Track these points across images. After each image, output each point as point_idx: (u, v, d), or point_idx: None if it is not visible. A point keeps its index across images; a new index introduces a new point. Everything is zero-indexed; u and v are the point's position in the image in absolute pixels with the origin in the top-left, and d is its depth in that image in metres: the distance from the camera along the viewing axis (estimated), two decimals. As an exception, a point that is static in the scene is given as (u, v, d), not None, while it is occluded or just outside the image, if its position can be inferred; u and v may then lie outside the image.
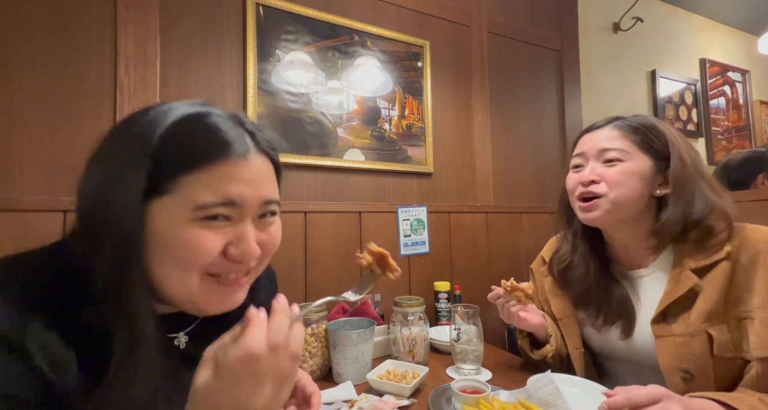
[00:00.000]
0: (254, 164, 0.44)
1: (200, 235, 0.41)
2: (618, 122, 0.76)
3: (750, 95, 2.66)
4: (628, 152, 0.72)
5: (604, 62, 2.04)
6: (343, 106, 1.29)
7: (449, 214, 1.45)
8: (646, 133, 0.73)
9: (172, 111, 0.43)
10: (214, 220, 0.41)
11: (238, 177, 0.42)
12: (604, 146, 0.74)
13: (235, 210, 0.43)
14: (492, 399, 0.67)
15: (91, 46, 0.98)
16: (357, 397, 0.77)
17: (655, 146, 0.73)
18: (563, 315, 0.86)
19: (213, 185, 0.41)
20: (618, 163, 0.72)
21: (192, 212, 0.40)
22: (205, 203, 0.40)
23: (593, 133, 0.78)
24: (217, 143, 0.42)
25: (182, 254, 0.41)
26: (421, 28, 1.47)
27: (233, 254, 0.43)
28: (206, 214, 0.41)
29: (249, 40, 1.14)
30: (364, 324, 0.97)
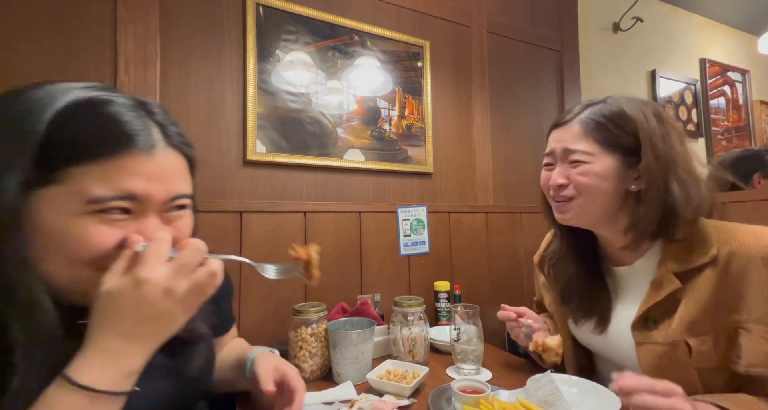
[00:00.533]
0: (162, 158, 0.42)
1: (92, 229, 0.39)
2: (584, 114, 0.70)
3: (750, 95, 2.66)
4: (590, 153, 0.68)
5: (604, 62, 2.04)
6: (343, 106, 1.29)
7: (449, 214, 1.45)
8: (611, 128, 0.67)
9: (65, 94, 0.40)
10: (109, 213, 0.39)
11: (140, 172, 0.40)
12: (568, 147, 0.70)
13: (135, 204, 0.41)
14: (492, 399, 0.67)
15: (91, 46, 0.99)
16: (357, 397, 0.77)
17: (623, 141, 0.67)
18: (552, 309, 0.87)
19: (108, 178, 0.38)
20: (581, 164, 0.68)
21: (83, 206, 0.38)
22: (97, 197, 0.38)
23: (560, 129, 0.73)
24: (115, 135, 0.39)
25: (69, 248, 0.39)
26: (421, 28, 1.47)
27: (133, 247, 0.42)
28: (100, 208, 0.39)
29: (249, 40, 1.14)
30: (364, 324, 0.97)
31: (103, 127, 0.39)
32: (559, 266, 0.81)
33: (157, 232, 0.41)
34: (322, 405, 0.75)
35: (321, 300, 1.07)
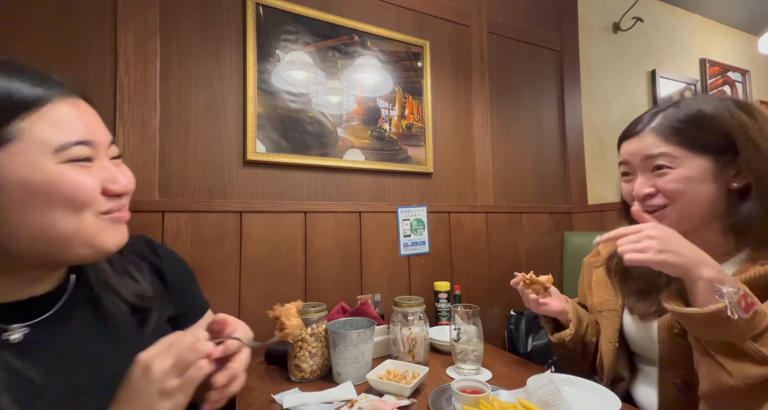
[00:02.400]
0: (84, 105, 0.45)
1: (74, 175, 0.41)
2: (655, 123, 0.66)
3: (750, 95, 2.66)
4: (675, 157, 0.63)
5: (604, 62, 2.04)
6: (343, 106, 1.29)
7: (449, 214, 1.45)
8: (692, 131, 0.63)
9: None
10: (77, 162, 0.42)
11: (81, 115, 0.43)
12: (648, 153, 0.65)
13: (91, 150, 0.43)
14: (492, 399, 0.67)
15: (91, 46, 0.99)
16: (357, 397, 0.77)
17: (710, 141, 0.62)
18: (604, 307, 0.82)
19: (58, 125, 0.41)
20: (669, 170, 0.63)
21: (53, 155, 0.40)
22: (61, 144, 0.40)
23: (631, 141, 0.69)
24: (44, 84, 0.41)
25: (67, 195, 0.40)
26: (421, 28, 1.47)
27: (114, 189, 0.45)
28: (68, 157, 0.41)
29: (249, 40, 1.14)
30: (364, 324, 0.97)
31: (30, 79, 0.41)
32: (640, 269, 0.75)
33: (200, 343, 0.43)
34: (322, 405, 0.75)
35: (321, 300, 1.07)
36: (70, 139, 0.41)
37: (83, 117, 0.43)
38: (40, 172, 0.39)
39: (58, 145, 0.40)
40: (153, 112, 1.03)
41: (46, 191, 0.39)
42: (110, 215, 0.45)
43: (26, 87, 0.40)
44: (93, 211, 0.43)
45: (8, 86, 0.39)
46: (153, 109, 1.03)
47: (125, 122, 1.00)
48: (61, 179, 0.40)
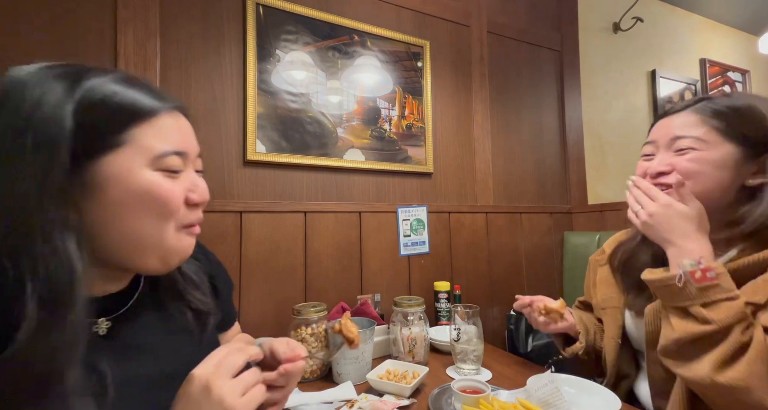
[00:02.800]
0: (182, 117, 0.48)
1: (167, 184, 0.43)
2: (700, 104, 0.66)
3: (750, 95, 2.66)
4: (704, 140, 0.63)
5: (604, 62, 2.04)
6: (343, 106, 1.29)
7: (449, 214, 1.45)
8: (734, 117, 0.63)
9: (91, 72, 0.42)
10: (168, 171, 0.44)
11: (181, 128, 0.47)
12: (677, 134, 0.65)
13: (183, 160, 0.46)
14: (492, 399, 0.67)
15: (91, 46, 0.99)
16: (357, 397, 0.77)
17: (747, 131, 0.62)
18: (607, 304, 0.84)
19: (161, 135, 0.43)
20: (692, 151, 0.64)
21: (151, 162, 0.42)
22: (161, 152, 0.43)
23: (669, 118, 0.69)
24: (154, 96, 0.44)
25: (153, 205, 0.42)
26: (421, 28, 1.47)
27: (193, 198, 0.47)
28: (165, 165, 0.43)
29: (249, 40, 1.14)
30: (364, 324, 0.97)
31: (143, 91, 0.44)
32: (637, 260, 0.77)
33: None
34: (322, 405, 0.75)
35: (321, 300, 1.07)
36: (169, 148, 0.43)
37: (181, 130, 0.47)
38: (139, 178, 0.42)
39: (158, 153, 0.43)
40: (153, 112, 1.03)
41: (141, 196, 0.42)
42: (189, 228, 0.48)
43: (143, 98, 0.43)
44: (176, 223, 0.45)
45: (130, 96, 0.42)
46: (153, 109, 1.03)
47: (125, 122, 1.00)
48: (156, 187, 0.42)
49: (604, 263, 0.89)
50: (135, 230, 0.43)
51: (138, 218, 0.42)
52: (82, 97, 0.39)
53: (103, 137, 0.40)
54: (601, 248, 0.94)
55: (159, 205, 0.43)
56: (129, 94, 0.42)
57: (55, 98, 0.38)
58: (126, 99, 0.42)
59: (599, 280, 0.88)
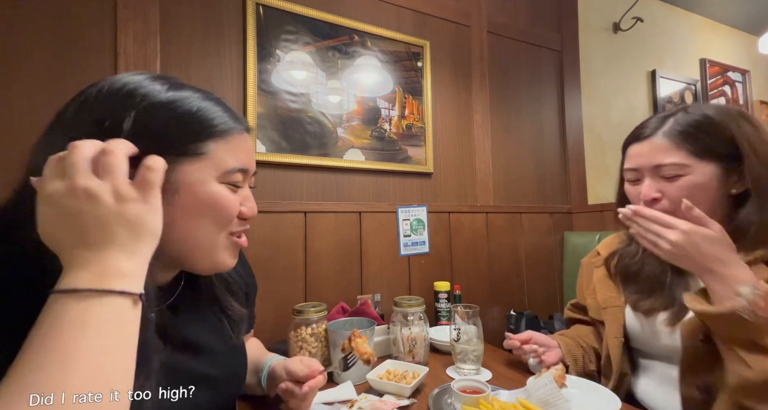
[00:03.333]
0: (249, 138, 0.53)
1: (230, 195, 0.48)
2: (667, 127, 0.67)
3: (750, 95, 2.66)
4: (685, 165, 0.65)
5: (604, 62, 2.04)
6: (343, 106, 1.29)
7: (449, 214, 1.45)
8: (702, 137, 0.65)
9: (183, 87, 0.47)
10: (233, 186, 0.48)
11: (247, 148, 0.51)
12: (658, 162, 0.67)
13: (244, 177, 0.50)
14: (492, 399, 0.67)
15: (91, 46, 0.99)
16: (357, 397, 0.77)
17: (718, 147, 0.64)
18: (608, 304, 0.84)
19: (233, 152, 0.47)
20: (678, 178, 0.66)
21: (221, 175, 0.46)
22: (230, 168, 0.47)
23: (641, 144, 0.71)
24: (233, 116, 0.49)
25: (215, 213, 0.46)
26: (421, 28, 1.47)
27: (244, 212, 0.50)
28: (231, 179, 0.47)
29: (249, 40, 1.14)
30: (364, 324, 0.97)
31: (224, 110, 0.49)
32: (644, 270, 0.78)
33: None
34: (322, 405, 0.75)
35: (321, 300, 1.07)
36: (237, 165, 0.48)
37: (247, 150, 0.51)
38: (209, 188, 0.45)
39: (228, 168, 0.47)
40: (153, 112, 1.03)
41: (207, 204, 0.46)
42: (236, 238, 0.51)
43: (225, 118, 0.48)
44: (228, 230, 0.49)
45: (214, 113, 0.47)
46: (153, 109, 1.03)
47: (125, 122, 1.00)
48: (221, 198, 0.46)
49: (599, 265, 0.89)
50: (194, 233, 0.46)
51: (199, 223, 0.46)
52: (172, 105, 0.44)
53: (185, 144, 0.44)
54: (594, 250, 0.95)
55: (220, 214, 0.47)
56: (212, 111, 0.47)
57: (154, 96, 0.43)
58: (209, 115, 0.46)
59: (597, 281, 0.89)
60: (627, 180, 0.75)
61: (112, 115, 0.40)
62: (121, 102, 0.41)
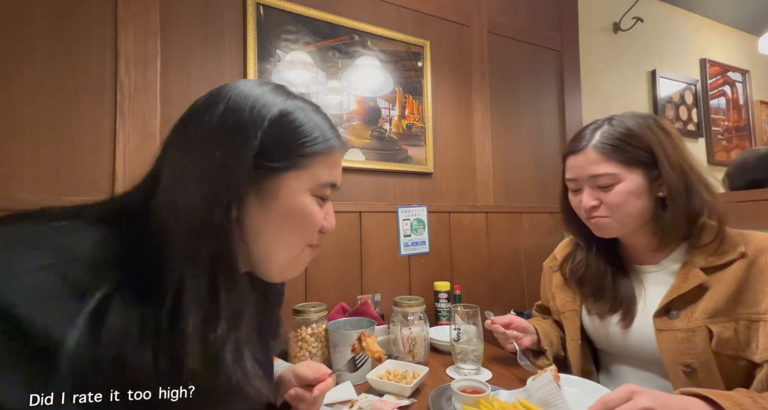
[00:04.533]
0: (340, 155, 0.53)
1: (317, 207, 0.49)
2: (596, 141, 0.73)
3: (750, 95, 2.66)
4: (616, 174, 0.71)
5: (604, 62, 2.04)
6: (343, 106, 1.29)
7: (449, 214, 1.45)
8: (626, 148, 0.71)
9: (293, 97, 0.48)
10: (321, 199, 0.50)
11: (340, 165, 0.52)
12: (593, 173, 0.73)
13: (331, 191, 0.51)
14: (492, 399, 0.67)
15: (91, 46, 0.99)
16: (357, 397, 0.77)
17: (641, 156, 0.71)
18: (566, 308, 0.89)
19: (328, 167, 0.49)
20: (612, 186, 0.72)
21: (314, 188, 0.48)
22: (324, 182, 0.48)
23: (576, 156, 0.76)
24: (334, 134, 0.50)
25: (303, 223, 0.48)
26: (421, 28, 1.47)
27: (325, 226, 0.51)
28: (321, 193, 0.49)
29: (249, 39, 1.14)
30: (364, 324, 0.97)
31: (330, 125, 0.50)
32: (589, 271, 0.84)
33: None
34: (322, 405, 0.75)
35: (321, 300, 1.07)
36: (330, 180, 0.49)
37: (340, 166, 0.52)
38: (301, 197, 0.47)
39: (322, 182, 0.48)
40: (153, 112, 1.03)
41: (297, 214, 0.47)
42: (313, 248, 0.52)
43: (330, 134, 0.49)
44: (309, 242, 0.50)
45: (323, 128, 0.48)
46: (153, 109, 1.03)
47: (125, 121, 1.00)
48: (310, 210, 0.48)
49: (556, 270, 0.94)
50: (282, 240, 0.47)
51: (287, 231, 0.47)
52: (289, 116, 0.45)
53: (294, 156, 0.45)
54: (552, 255, 1.01)
55: (305, 225, 0.48)
56: (321, 126, 0.48)
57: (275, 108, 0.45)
58: (318, 130, 0.47)
59: (555, 286, 0.93)
60: (570, 190, 0.81)
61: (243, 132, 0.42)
62: (252, 120, 0.43)
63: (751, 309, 0.64)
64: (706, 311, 0.66)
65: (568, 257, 0.90)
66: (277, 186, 0.45)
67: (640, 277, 0.79)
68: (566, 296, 0.89)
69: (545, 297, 1.01)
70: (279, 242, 0.47)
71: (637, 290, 0.78)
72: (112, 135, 0.99)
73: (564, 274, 0.90)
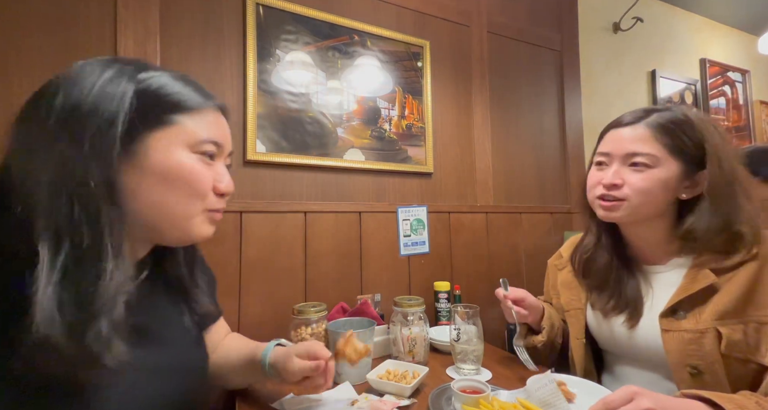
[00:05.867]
0: (223, 118, 0.55)
1: (199, 166, 0.49)
2: (651, 119, 0.70)
3: (750, 95, 2.66)
4: (657, 157, 0.68)
5: (604, 62, 2.04)
6: (343, 106, 1.29)
7: (449, 214, 1.45)
8: (680, 134, 0.68)
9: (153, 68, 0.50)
10: (204, 156, 0.50)
11: (220, 123, 0.54)
12: (633, 150, 0.69)
13: (217, 150, 0.52)
14: (492, 399, 0.67)
15: (91, 46, 0.98)
16: (357, 397, 0.77)
17: (688, 148, 0.68)
18: (570, 306, 0.88)
19: (203, 124, 0.50)
20: (645, 169, 0.68)
21: (191, 145, 0.49)
22: (201, 139, 0.49)
23: (621, 129, 0.73)
24: (204, 93, 0.52)
25: (185, 180, 0.48)
26: (421, 28, 1.47)
27: (221, 188, 0.52)
28: (204, 149, 0.50)
29: (249, 40, 1.14)
30: (364, 324, 0.97)
31: (196, 87, 0.52)
32: (596, 261, 0.82)
33: None
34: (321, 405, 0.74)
35: (321, 300, 1.07)
36: (207, 136, 0.50)
37: (219, 124, 0.54)
38: (178, 155, 0.47)
39: (199, 139, 0.49)
40: (153, 112, 1.03)
41: (176, 172, 0.47)
42: (211, 213, 0.52)
43: (195, 96, 0.50)
44: (202, 204, 0.50)
45: (183, 90, 0.50)
46: (153, 109, 1.03)
47: (125, 122, 1.00)
48: (191, 168, 0.48)
49: (562, 267, 0.93)
50: (166, 200, 0.48)
51: (171, 191, 0.47)
52: (144, 83, 0.46)
53: (156, 115, 0.47)
54: (558, 252, 0.99)
55: (190, 184, 0.48)
56: (182, 88, 0.50)
57: (122, 80, 0.45)
58: (178, 91, 0.49)
59: (561, 284, 0.92)
60: (595, 163, 0.78)
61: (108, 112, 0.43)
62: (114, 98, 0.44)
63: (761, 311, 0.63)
64: (715, 312, 0.64)
65: (576, 251, 0.88)
66: (147, 145, 0.46)
67: (648, 277, 0.77)
68: (571, 295, 0.88)
69: (548, 294, 1.00)
70: (164, 203, 0.47)
71: (644, 290, 0.76)
72: (112, 135, 0.99)
73: (572, 261, 0.88)
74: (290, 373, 0.66)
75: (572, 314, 0.87)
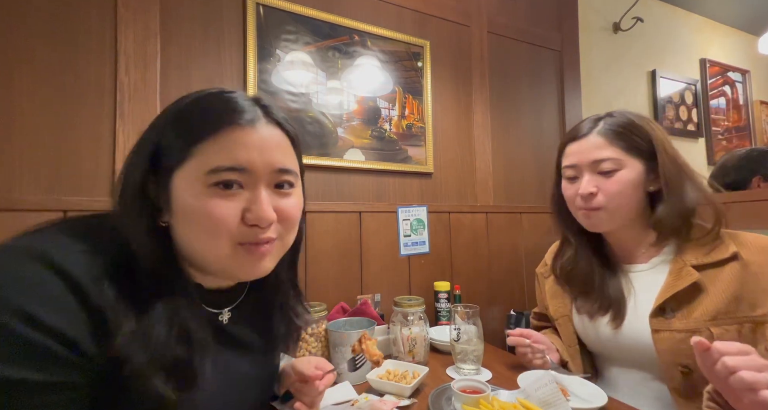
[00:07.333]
0: (263, 131, 0.46)
1: (214, 202, 0.43)
2: (600, 127, 0.76)
3: (750, 95, 2.66)
4: (620, 159, 0.73)
5: (604, 62, 2.04)
6: (343, 106, 1.29)
7: (449, 214, 1.45)
8: (630, 136, 0.73)
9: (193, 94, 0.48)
10: (228, 188, 0.43)
11: (247, 142, 0.44)
12: (597, 157, 0.74)
13: (246, 176, 0.44)
14: (492, 399, 0.67)
15: (91, 46, 0.98)
16: (357, 397, 0.77)
17: (641, 146, 0.73)
18: (559, 314, 0.89)
19: (221, 150, 0.43)
20: (614, 173, 0.73)
21: (206, 177, 0.42)
22: (216, 167, 0.42)
23: (580, 142, 0.78)
24: (226, 111, 0.45)
25: (205, 222, 0.43)
26: (421, 28, 1.47)
27: (248, 218, 0.44)
28: (218, 179, 0.43)
29: (249, 40, 1.14)
30: (364, 324, 0.97)
31: (217, 107, 0.45)
32: (578, 269, 0.84)
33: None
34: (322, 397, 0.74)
35: (321, 300, 1.07)
36: (225, 164, 0.43)
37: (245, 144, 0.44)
38: (192, 193, 0.43)
39: (211, 167, 0.43)
40: (153, 112, 1.03)
41: (191, 213, 0.43)
42: (248, 247, 0.45)
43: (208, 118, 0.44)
44: (229, 240, 0.44)
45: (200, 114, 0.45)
46: (153, 109, 1.03)
47: (125, 122, 1.00)
48: (202, 205, 0.43)
49: (548, 276, 0.94)
50: (194, 244, 0.45)
51: (195, 231, 0.44)
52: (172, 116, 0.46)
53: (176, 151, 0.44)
54: (543, 261, 1.00)
55: (206, 224, 0.43)
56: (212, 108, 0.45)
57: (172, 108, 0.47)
58: (206, 113, 0.45)
59: (548, 293, 0.93)
60: (565, 178, 0.81)
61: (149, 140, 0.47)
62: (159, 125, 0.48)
63: (755, 311, 0.64)
64: (707, 312, 0.66)
65: (558, 254, 0.90)
66: (173, 186, 0.44)
67: (629, 276, 0.79)
68: (557, 303, 0.90)
69: (542, 304, 1.01)
70: (194, 243, 0.45)
71: (626, 289, 0.78)
72: (112, 135, 0.99)
73: (554, 271, 0.89)
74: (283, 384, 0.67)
75: (561, 322, 0.88)
